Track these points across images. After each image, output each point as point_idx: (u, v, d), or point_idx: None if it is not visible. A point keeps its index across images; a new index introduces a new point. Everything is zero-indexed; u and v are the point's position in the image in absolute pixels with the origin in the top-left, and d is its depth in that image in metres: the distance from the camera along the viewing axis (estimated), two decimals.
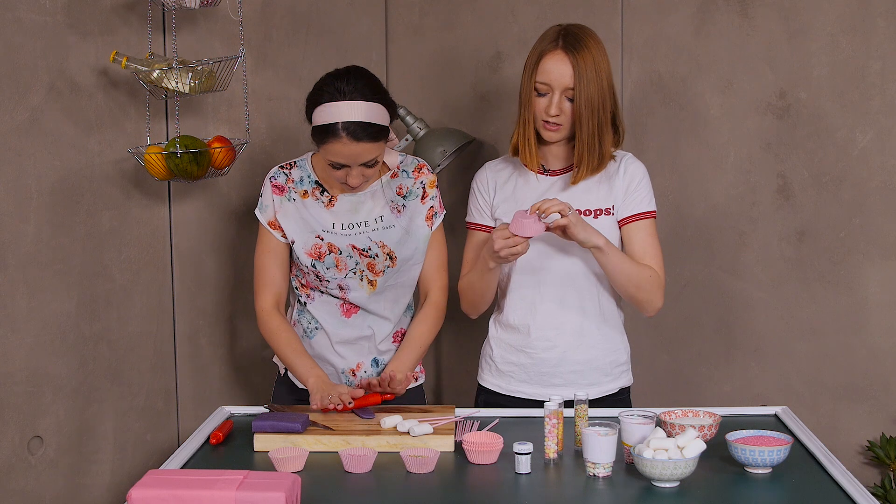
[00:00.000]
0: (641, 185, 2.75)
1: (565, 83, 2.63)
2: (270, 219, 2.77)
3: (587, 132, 2.65)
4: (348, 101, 2.59)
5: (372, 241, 2.76)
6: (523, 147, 2.72)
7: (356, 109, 2.59)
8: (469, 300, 2.81)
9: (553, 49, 2.65)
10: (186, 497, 1.96)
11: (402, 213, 2.79)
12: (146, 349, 3.25)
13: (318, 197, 2.77)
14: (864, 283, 3.38)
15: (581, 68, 2.62)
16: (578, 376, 2.77)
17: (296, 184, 2.78)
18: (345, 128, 2.58)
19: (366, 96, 2.61)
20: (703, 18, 3.40)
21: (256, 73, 3.32)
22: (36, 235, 2.97)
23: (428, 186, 2.81)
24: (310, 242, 2.75)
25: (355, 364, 2.83)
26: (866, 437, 3.42)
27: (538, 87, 2.66)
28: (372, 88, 2.64)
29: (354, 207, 2.77)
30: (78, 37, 3.02)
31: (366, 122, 2.59)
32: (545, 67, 2.65)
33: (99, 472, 3.15)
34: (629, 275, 2.67)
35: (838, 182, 3.37)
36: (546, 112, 2.66)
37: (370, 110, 2.60)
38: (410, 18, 3.56)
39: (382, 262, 2.76)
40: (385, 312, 2.82)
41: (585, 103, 2.63)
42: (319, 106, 2.62)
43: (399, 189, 2.80)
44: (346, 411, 2.60)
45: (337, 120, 2.58)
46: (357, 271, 2.75)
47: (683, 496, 2.15)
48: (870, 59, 3.32)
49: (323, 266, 2.74)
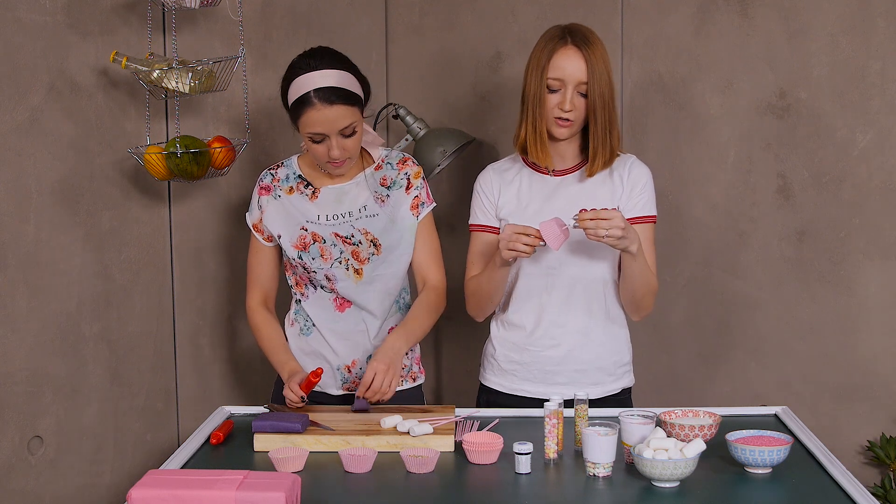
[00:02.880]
0: (646, 188, 2.77)
1: (578, 77, 2.65)
2: (255, 221, 2.86)
3: (601, 125, 2.68)
4: (318, 71, 2.68)
5: (355, 228, 2.79)
6: (534, 145, 2.72)
7: (327, 77, 2.67)
8: (476, 302, 2.81)
9: (564, 45, 2.67)
10: (186, 497, 1.96)
11: (385, 203, 2.81)
12: (146, 349, 3.25)
13: (302, 191, 2.83)
14: (864, 283, 3.38)
15: (593, 62, 2.65)
16: (582, 375, 2.77)
17: (281, 182, 2.84)
18: (316, 94, 2.66)
19: (334, 66, 2.70)
20: (703, 18, 3.40)
21: (256, 73, 3.32)
22: (36, 235, 2.97)
23: (412, 177, 2.84)
24: (295, 235, 2.80)
25: (350, 360, 2.83)
26: (866, 437, 3.42)
27: (550, 83, 2.67)
28: (341, 61, 2.74)
29: (338, 198, 2.82)
30: (78, 37, 3.02)
31: (336, 86, 2.67)
32: (558, 63, 2.66)
33: (99, 472, 3.15)
34: (646, 280, 2.70)
35: (838, 182, 3.37)
36: (560, 108, 2.67)
37: (341, 77, 2.69)
38: (410, 18, 3.56)
39: (367, 250, 2.78)
40: (373, 305, 2.82)
41: (598, 96, 2.65)
42: (292, 83, 2.70)
43: (383, 180, 2.83)
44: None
45: (309, 88, 2.66)
46: (342, 260, 2.78)
47: (683, 496, 2.15)
48: (870, 59, 3.32)
49: (308, 256, 2.78)
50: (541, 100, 2.68)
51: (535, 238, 2.55)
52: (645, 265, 2.68)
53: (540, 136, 2.71)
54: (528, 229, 2.56)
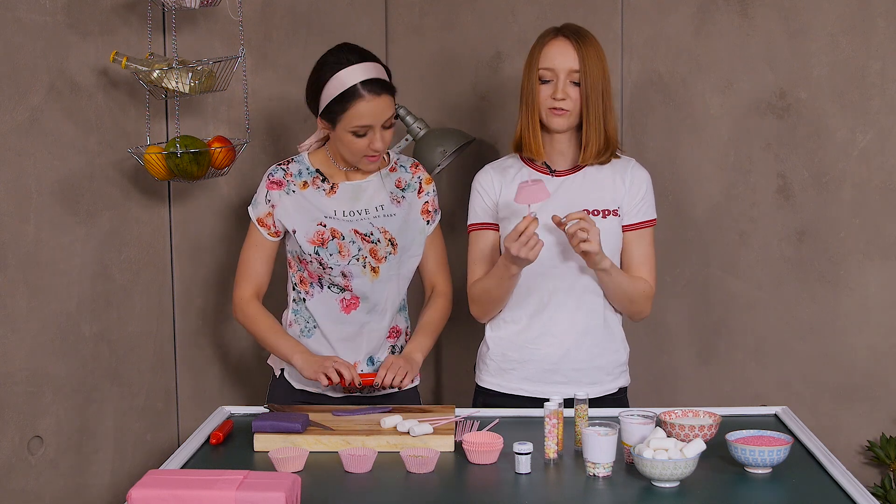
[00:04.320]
0: (648, 193, 2.79)
1: (569, 66, 2.67)
2: (261, 215, 2.81)
3: (594, 113, 2.69)
4: (358, 64, 2.69)
5: (374, 226, 2.78)
6: (528, 137, 2.73)
7: (369, 69, 2.69)
8: (482, 306, 2.80)
9: (554, 38, 2.71)
10: (186, 497, 1.96)
11: (401, 204, 2.82)
12: (146, 349, 3.25)
13: (318, 185, 2.81)
14: (864, 283, 3.38)
15: (584, 52, 2.68)
16: (580, 374, 2.77)
17: (294, 177, 2.81)
18: (364, 86, 2.67)
19: (369, 58, 2.73)
20: (703, 18, 3.40)
21: (256, 73, 3.32)
22: (36, 235, 2.97)
23: (424, 182, 2.86)
24: (311, 230, 2.77)
25: (352, 362, 2.82)
26: (866, 437, 3.42)
27: (542, 73, 2.70)
28: (371, 54, 2.75)
29: (356, 195, 2.81)
30: (78, 37, 3.02)
31: (380, 77, 2.70)
32: (548, 54, 2.69)
33: (99, 472, 3.16)
34: (625, 291, 2.74)
35: (838, 182, 3.37)
36: (552, 97, 2.68)
37: (378, 69, 2.72)
38: (410, 18, 3.56)
39: (384, 248, 2.77)
40: (386, 304, 2.82)
41: (592, 85, 2.67)
42: (330, 79, 2.69)
43: (398, 182, 2.84)
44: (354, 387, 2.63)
45: (355, 81, 2.67)
46: (360, 257, 2.77)
47: (683, 496, 2.15)
48: (870, 59, 3.32)
49: (326, 252, 2.75)
50: (534, 92, 2.70)
51: (528, 223, 2.55)
52: (620, 275, 2.71)
53: (534, 129, 2.72)
54: (518, 228, 2.56)
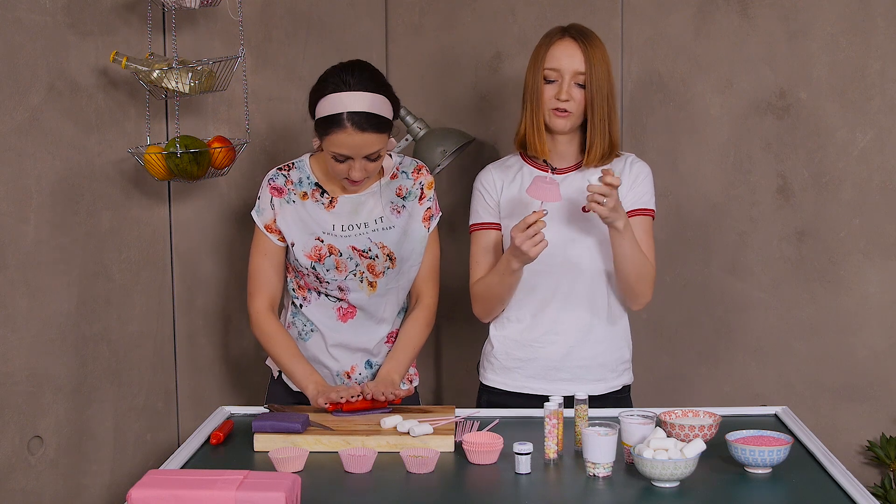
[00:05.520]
0: (645, 181, 2.78)
1: (575, 68, 2.67)
2: (267, 222, 2.75)
3: (599, 117, 2.69)
4: (353, 92, 2.59)
5: (372, 241, 2.75)
6: (531, 135, 2.73)
7: (361, 100, 2.59)
8: (485, 304, 2.79)
9: (560, 38, 2.71)
10: (186, 497, 1.96)
11: (401, 214, 2.78)
12: (146, 349, 3.25)
13: (318, 199, 2.76)
14: (864, 283, 3.38)
15: (590, 54, 2.67)
16: (585, 371, 2.78)
17: (295, 185, 2.76)
18: (349, 118, 2.57)
19: (370, 88, 2.61)
20: (703, 18, 3.40)
21: (256, 73, 3.32)
22: (36, 235, 2.97)
23: (426, 187, 2.81)
24: (309, 245, 2.74)
25: (349, 367, 2.82)
26: (866, 437, 3.42)
27: (547, 74, 2.69)
28: (376, 81, 2.64)
29: (355, 208, 2.76)
30: (78, 37, 3.02)
31: (371, 112, 2.59)
32: (554, 54, 2.69)
33: (99, 472, 3.16)
34: (635, 261, 2.68)
35: (838, 182, 3.37)
36: (556, 98, 2.68)
37: (375, 101, 2.60)
38: (410, 18, 3.56)
39: (382, 264, 2.75)
40: (384, 314, 2.81)
41: (597, 88, 2.67)
42: (324, 97, 2.61)
43: (399, 190, 2.79)
44: (350, 410, 2.59)
45: (342, 110, 2.58)
46: (357, 273, 2.75)
47: (683, 496, 2.15)
48: (870, 59, 3.32)
49: (323, 268, 2.74)
50: (539, 92, 2.70)
51: (538, 217, 2.54)
52: (634, 243, 2.66)
53: (538, 127, 2.72)
54: (527, 220, 2.55)
